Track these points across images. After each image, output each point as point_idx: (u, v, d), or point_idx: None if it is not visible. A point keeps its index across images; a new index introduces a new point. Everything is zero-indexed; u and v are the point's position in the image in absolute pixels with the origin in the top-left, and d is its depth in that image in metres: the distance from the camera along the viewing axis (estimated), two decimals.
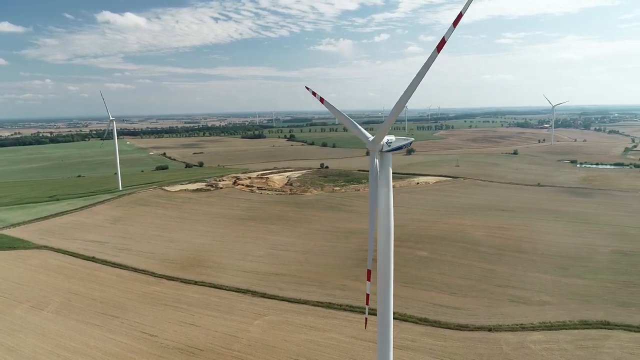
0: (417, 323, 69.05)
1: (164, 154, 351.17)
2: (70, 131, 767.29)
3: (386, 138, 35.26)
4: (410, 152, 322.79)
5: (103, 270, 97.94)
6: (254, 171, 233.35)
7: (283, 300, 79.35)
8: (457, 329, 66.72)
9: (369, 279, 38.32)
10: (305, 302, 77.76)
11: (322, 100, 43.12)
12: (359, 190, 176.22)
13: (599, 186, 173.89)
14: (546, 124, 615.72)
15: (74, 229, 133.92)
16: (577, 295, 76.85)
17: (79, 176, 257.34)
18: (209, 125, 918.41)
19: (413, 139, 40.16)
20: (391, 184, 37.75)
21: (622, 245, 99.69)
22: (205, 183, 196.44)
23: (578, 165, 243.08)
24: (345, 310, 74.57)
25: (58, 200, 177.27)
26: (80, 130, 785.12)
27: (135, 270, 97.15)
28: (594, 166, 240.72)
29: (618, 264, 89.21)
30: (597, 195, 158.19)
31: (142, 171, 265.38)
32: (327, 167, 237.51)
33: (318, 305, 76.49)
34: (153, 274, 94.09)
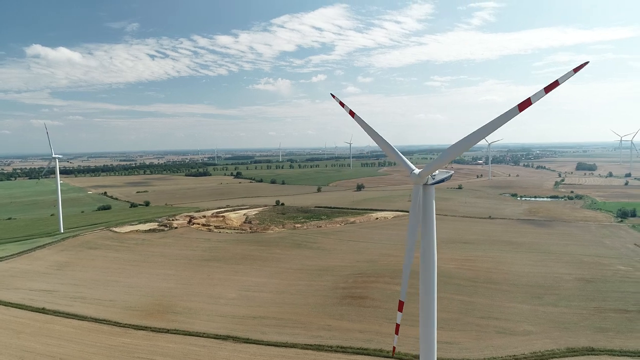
0: None
1: (105, 193, 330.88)
2: None
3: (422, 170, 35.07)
4: (360, 188, 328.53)
5: (57, 323, 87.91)
6: (207, 209, 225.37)
7: (269, 345, 75.01)
8: None
9: (400, 310, 39.09)
10: (293, 346, 73.97)
11: (352, 113, 41.02)
12: (320, 226, 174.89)
13: (544, 218, 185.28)
14: (479, 160, 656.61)
15: (13, 277, 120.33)
16: (556, 323, 79.40)
17: (10, 218, 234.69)
18: (147, 163, 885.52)
19: (453, 171, 40.30)
20: (435, 218, 37.08)
21: (583, 273, 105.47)
22: (157, 223, 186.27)
23: (519, 199, 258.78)
24: (336, 351, 71.70)
25: None
26: (3, 170, 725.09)
27: (96, 320, 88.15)
28: (533, 199, 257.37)
29: (584, 290, 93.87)
30: (545, 226, 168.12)
31: (83, 212, 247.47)
32: (282, 204, 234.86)
33: (307, 348, 73.02)
34: (117, 324, 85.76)
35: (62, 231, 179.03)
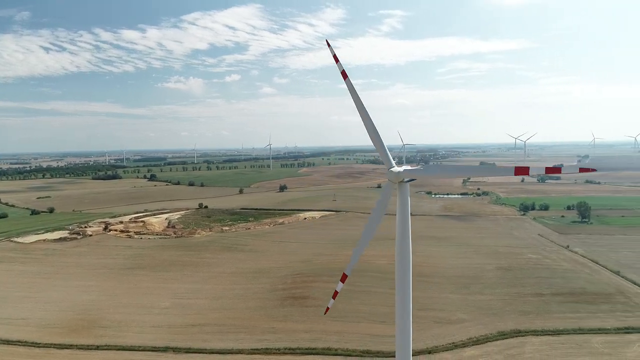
0: (362, 356, 69.18)
1: None
2: None
3: (402, 168, 35.93)
4: (283, 188, 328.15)
5: None
6: (124, 215, 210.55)
7: (212, 353, 72.03)
8: None
9: (342, 281, 39.29)
10: (239, 352, 71.83)
11: (344, 74, 35.89)
12: (249, 228, 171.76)
13: (459, 213, 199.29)
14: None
15: None
16: (485, 309, 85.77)
17: None
18: (45, 166, 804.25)
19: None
20: (409, 215, 38.00)
21: (500, 263, 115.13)
22: (68, 231, 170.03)
23: (433, 196, 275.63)
24: (284, 354, 70.92)
25: None
26: None
27: (8, 342, 78.12)
28: (446, 196, 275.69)
29: (504, 278, 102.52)
30: (461, 220, 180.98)
31: None
32: (206, 206, 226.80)
33: (254, 353, 71.33)
34: (36, 345, 76.88)
35: None
